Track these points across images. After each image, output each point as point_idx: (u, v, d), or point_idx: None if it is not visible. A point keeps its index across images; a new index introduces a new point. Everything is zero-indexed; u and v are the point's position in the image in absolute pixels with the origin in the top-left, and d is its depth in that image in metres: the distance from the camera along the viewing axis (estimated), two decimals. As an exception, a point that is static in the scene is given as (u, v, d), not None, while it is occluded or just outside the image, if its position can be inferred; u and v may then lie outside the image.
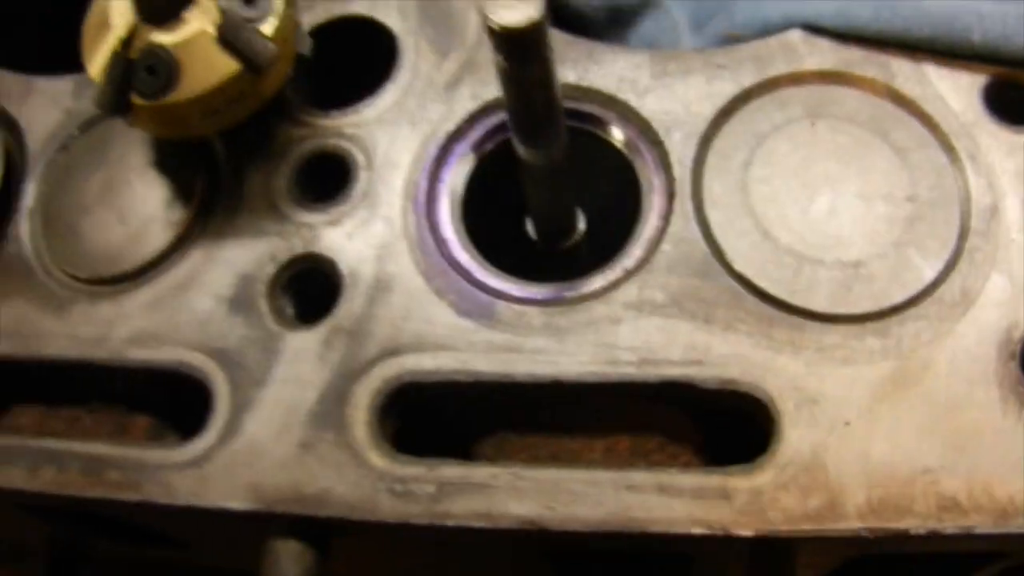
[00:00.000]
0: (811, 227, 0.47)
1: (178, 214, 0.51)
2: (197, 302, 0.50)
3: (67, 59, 0.58)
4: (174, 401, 0.52)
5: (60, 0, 0.65)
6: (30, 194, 0.54)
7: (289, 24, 0.48)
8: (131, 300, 0.50)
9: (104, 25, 0.48)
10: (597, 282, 0.47)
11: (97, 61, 0.48)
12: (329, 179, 0.52)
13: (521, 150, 0.44)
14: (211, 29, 0.46)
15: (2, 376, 0.52)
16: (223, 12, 0.46)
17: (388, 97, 0.52)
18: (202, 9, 0.46)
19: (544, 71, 0.39)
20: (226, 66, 0.46)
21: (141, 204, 0.52)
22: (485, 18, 0.37)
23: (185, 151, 0.52)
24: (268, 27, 0.47)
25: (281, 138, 0.52)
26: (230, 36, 0.46)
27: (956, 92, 0.49)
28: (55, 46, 0.64)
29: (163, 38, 0.46)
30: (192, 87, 0.46)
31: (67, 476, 0.48)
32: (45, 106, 0.56)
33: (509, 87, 0.40)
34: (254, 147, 0.52)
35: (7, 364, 0.51)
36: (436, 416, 0.49)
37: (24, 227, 0.54)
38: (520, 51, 0.38)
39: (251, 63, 0.46)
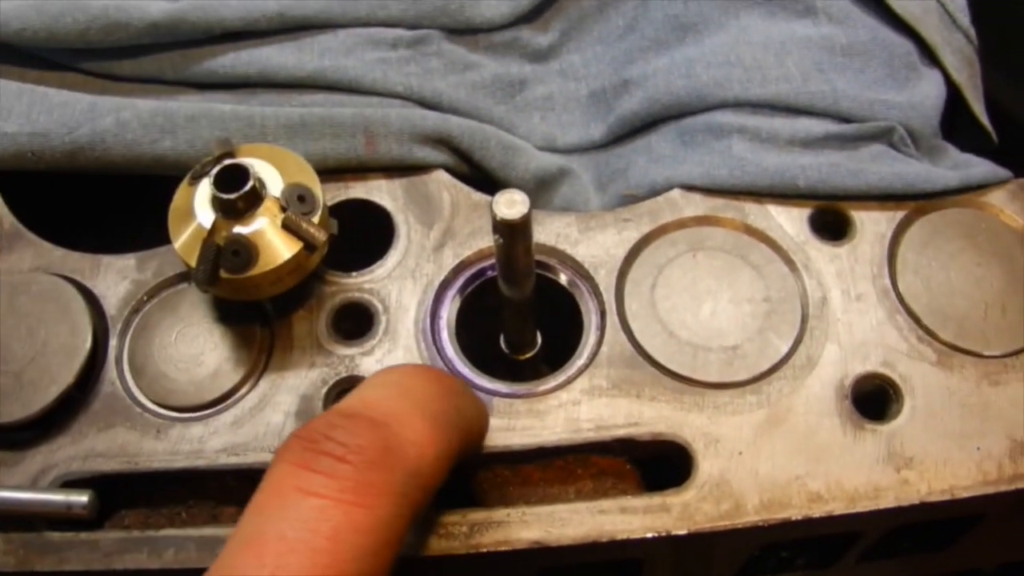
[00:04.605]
0: (701, 325, 0.75)
1: (244, 355, 0.76)
2: (271, 418, 0.73)
3: (123, 239, 0.83)
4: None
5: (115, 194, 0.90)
6: (113, 347, 0.77)
7: (326, 213, 0.75)
8: (218, 420, 0.73)
9: (187, 216, 0.73)
10: (561, 378, 0.74)
11: (187, 245, 0.72)
12: (356, 322, 0.78)
13: (506, 291, 0.71)
14: (277, 221, 0.72)
15: (113, 489, 0.75)
16: (285, 208, 0.72)
17: (392, 259, 0.79)
18: (266, 207, 0.72)
19: (528, 243, 0.67)
20: (290, 247, 0.72)
21: (213, 350, 0.76)
22: (494, 215, 0.64)
23: (242, 309, 0.75)
24: (316, 217, 0.73)
25: (317, 294, 0.78)
26: (292, 226, 0.72)
27: (790, 221, 0.78)
28: (113, 229, 0.88)
29: (242, 229, 0.71)
30: (266, 263, 0.71)
31: (186, 554, 0.70)
32: (115, 278, 0.79)
33: (503, 255, 0.67)
34: (296, 303, 0.77)
35: (118, 479, 0.74)
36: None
37: (113, 374, 0.77)
38: (516, 233, 0.64)
39: (309, 244, 0.72)
